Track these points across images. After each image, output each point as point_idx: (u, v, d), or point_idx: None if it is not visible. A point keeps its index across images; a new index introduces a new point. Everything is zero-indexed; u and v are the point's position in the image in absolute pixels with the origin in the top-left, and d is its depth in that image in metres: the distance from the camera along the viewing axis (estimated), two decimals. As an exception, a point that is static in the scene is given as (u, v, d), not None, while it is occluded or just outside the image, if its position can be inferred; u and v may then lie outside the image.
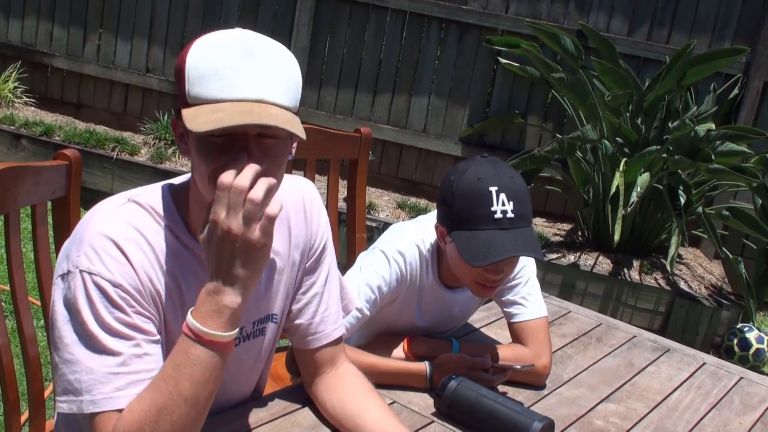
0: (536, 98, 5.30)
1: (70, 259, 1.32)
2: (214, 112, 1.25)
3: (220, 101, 1.26)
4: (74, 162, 1.80)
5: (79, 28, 5.83)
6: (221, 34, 1.32)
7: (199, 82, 1.27)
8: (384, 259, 1.95)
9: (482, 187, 1.80)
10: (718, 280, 4.81)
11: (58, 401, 1.30)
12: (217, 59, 1.28)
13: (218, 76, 1.27)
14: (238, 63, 1.27)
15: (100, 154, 5.13)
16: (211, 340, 1.27)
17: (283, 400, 1.73)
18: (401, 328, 2.07)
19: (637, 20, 5.10)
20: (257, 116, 1.24)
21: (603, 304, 4.48)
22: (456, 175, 1.85)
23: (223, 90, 1.26)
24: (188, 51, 1.31)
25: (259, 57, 1.29)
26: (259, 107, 1.26)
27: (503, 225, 1.79)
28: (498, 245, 1.77)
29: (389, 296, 1.96)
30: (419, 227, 2.03)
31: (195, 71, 1.28)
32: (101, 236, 1.32)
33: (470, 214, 1.80)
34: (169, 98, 5.73)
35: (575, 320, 2.51)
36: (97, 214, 1.36)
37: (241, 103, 1.26)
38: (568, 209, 5.31)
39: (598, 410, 1.96)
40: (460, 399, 1.75)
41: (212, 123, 1.23)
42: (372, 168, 5.35)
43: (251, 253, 1.25)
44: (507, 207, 1.79)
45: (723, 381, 2.25)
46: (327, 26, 5.44)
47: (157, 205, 1.40)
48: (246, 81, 1.27)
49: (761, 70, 4.94)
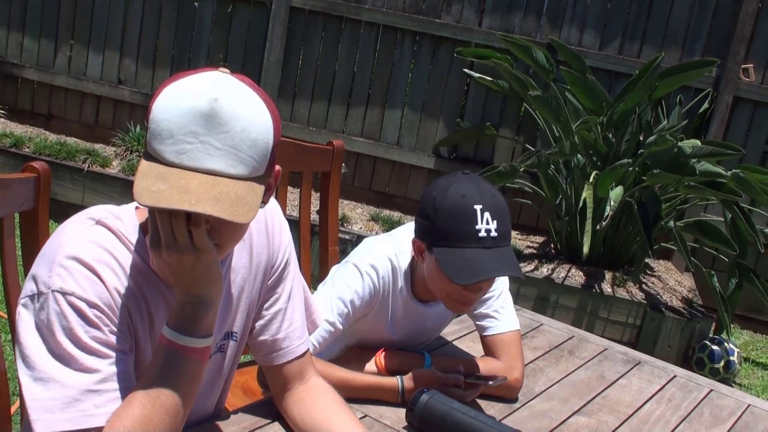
0: (509, 111, 5.33)
1: (39, 280, 1.31)
2: (159, 179, 1.22)
3: (171, 165, 1.24)
4: (43, 174, 1.77)
5: (50, 39, 5.78)
6: (190, 86, 1.27)
7: (157, 140, 1.25)
8: (357, 273, 1.94)
9: (467, 205, 1.79)
10: (690, 292, 4.85)
11: (32, 422, 1.26)
12: (176, 120, 1.24)
13: (174, 139, 1.24)
14: (195, 130, 1.24)
15: (71, 166, 5.08)
16: (189, 347, 1.30)
17: (253, 414, 1.72)
18: (373, 341, 2.06)
19: (609, 34, 5.14)
20: (194, 199, 1.21)
21: (576, 316, 4.50)
22: (438, 191, 1.84)
23: (177, 155, 1.24)
24: (157, 96, 1.28)
25: (221, 125, 1.24)
26: (205, 183, 1.23)
27: (487, 244, 1.79)
28: (483, 264, 1.77)
29: (362, 310, 1.96)
30: (392, 241, 2.03)
31: (155, 126, 1.25)
32: (72, 256, 1.31)
33: (454, 231, 1.80)
34: (141, 110, 5.69)
35: (547, 333, 2.52)
36: (65, 236, 1.35)
37: (188, 175, 1.23)
38: (541, 222, 5.33)
39: (569, 423, 1.96)
40: (432, 412, 1.75)
41: (151, 198, 1.21)
42: (345, 180, 5.34)
43: (198, 266, 1.30)
44: (491, 226, 1.79)
45: (693, 393, 2.26)
46: (300, 39, 5.44)
47: (124, 229, 1.39)
48: (200, 151, 1.24)
49: (731, 84, 5.00)
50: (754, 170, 4.44)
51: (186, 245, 1.28)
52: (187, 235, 1.28)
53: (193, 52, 5.56)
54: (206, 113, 1.24)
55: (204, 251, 1.30)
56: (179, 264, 1.29)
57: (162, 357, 1.31)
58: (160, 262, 1.31)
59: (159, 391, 1.28)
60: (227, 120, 1.25)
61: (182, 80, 1.29)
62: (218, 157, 1.24)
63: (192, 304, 1.31)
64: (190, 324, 1.31)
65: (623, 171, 4.25)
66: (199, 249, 1.29)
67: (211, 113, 1.24)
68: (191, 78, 1.29)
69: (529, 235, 5.31)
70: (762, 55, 5.04)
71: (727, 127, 5.11)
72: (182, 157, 1.24)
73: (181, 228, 1.27)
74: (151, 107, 1.27)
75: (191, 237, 1.28)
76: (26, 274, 1.67)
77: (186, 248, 1.28)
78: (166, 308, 1.40)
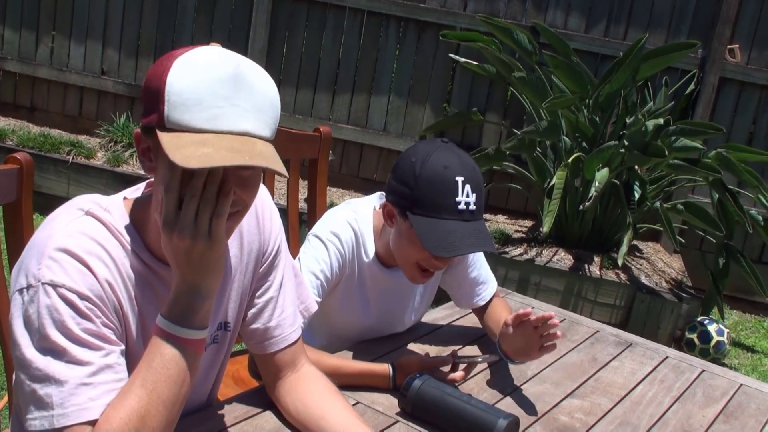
0: (496, 96, 5.32)
1: (29, 272, 1.28)
2: (199, 145, 1.22)
3: (203, 132, 1.24)
4: (25, 166, 1.75)
5: (31, 30, 5.72)
6: (206, 56, 1.28)
7: (182, 109, 1.24)
8: (320, 244, 1.95)
9: (449, 176, 1.79)
10: (678, 273, 4.86)
11: (28, 419, 1.25)
12: (202, 87, 1.24)
13: (203, 106, 1.23)
14: (225, 94, 1.25)
15: (55, 158, 5.04)
16: (184, 338, 1.29)
17: (245, 404, 1.70)
18: (348, 316, 2.06)
19: (594, 17, 5.13)
20: (247, 156, 1.22)
21: (564, 299, 4.50)
22: (418, 158, 1.83)
23: (207, 121, 1.24)
24: (168, 70, 1.25)
25: (247, 88, 1.27)
26: (245, 143, 1.25)
27: (465, 216, 1.80)
28: (461, 238, 1.78)
29: (334, 279, 1.96)
30: (350, 208, 2.05)
31: (177, 97, 1.24)
32: (62, 248, 1.29)
33: (434, 201, 1.80)
34: (124, 100, 5.65)
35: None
36: (54, 227, 1.33)
37: (226, 137, 1.24)
38: (529, 206, 5.33)
39: (562, 406, 1.96)
40: (425, 398, 1.74)
41: (200, 160, 1.20)
42: (333, 168, 5.32)
43: (206, 256, 1.29)
44: (470, 199, 1.80)
45: (685, 374, 2.26)
46: (284, 26, 5.41)
47: (114, 221, 1.37)
48: (233, 114, 1.25)
49: (716, 65, 5.00)
50: (739, 149, 4.45)
51: (203, 232, 1.27)
52: (208, 223, 1.27)
53: (176, 41, 5.51)
54: (234, 76, 1.26)
55: (217, 242, 1.29)
56: (189, 250, 1.28)
57: (158, 348, 1.29)
58: (169, 244, 1.29)
59: (155, 383, 1.27)
60: (252, 83, 1.28)
61: (189, 53, 1.28)
62: (248, 119, 1.26)
63: (189, 294, 1.30)
64: (186, 315, 1.30)
65: (609, 153, 4.25)
66: (213, 239, 1.28)
67: (238, 77, 1.26)
68: (198, 50, 1.29)
69: (518, 219, 5.31)
70: (747, 35, 5.04)
71: (714, 108, 5.11)
72: (215, 121, 1.24)
73: (206, 215, 1.27)
74: (163, 83, 1.24)
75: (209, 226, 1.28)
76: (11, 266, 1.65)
77: (202, 235, 1.27)
78: (157, 300, 1.38)
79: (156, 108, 1.26)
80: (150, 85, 1.28)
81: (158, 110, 1.25)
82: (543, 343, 1.87)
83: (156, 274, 1.40)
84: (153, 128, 1.26)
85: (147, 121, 1.28)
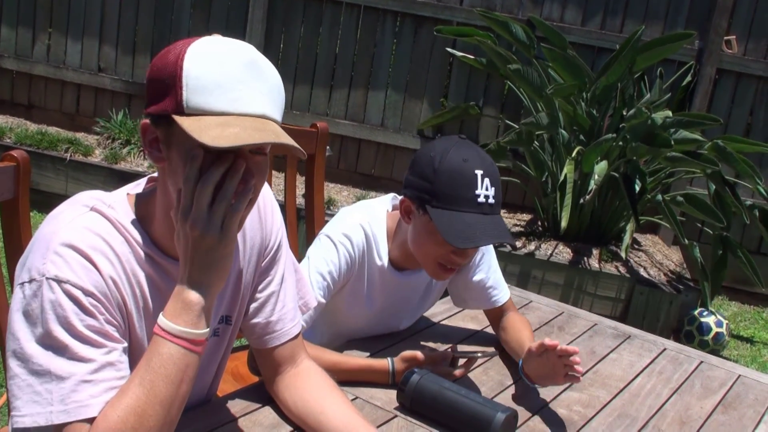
0: (493, 90, 5.31)
1: (33, 267, 1.28)
2: (224, 126, 1.23)
3: (225, 114, 1.25)
4: (22, 163, 1.75)
5: (28, 28, 5.71)
6: (220, 43, 1.31)
7: (202, 93, 1.25)
8: (330, 244, 1.94)
9: (468, 169, 1.80)
10: (677, 266, 4.87)
11: (17, 416, 1.24)
12: (221, 70, 1.26)
13: (223, 88, 1.25)
14: (243, 76, 1.27)
15: (53, 156, 5.04)
16: (184, 337, 1.29)
17: (244, 399, 1.70)
18: (350, 315, 2.06)
19: (591, 10, 5.13)
20: (273, 135, 1.25)
21: (564, 293, 4.51)
22: (437, 153, 1.84)
23: (228, 103, 1.26)
24: (183, 57, 1.26)
25: (262, 71, 1.30)
26: (265, 123, 1.27)
27: (484, 210, 1.80)
28: (482, 230, 1.78)
29: (341, 281, 1.96)
30: (365, 209, 2.04)
31: (196, 81, 1.25)
32: (67, 243, 1.29)
33: (454, 194, 1.80)
34: (122, 97, 5.64)
35: (536, 309, 2.52)
36: (59, 223, 1.33)
37: (248, 119, 1.26)
38: (527, 200, 5.33)
39: (561, 399, 1.96)
40: (423, 392, 1.74)
41: (229, 139, 1.21)
42: (331, 163, 5.32)
43: (215, 251, 1.29)
44: (489, 192, 1.81)
45: (684, 366, 2.26)
46: (281, 21, 5.40)
47: (120, 216, 1.37)
48: (251, 97, 1.27)
49: (713, 57, 5.00)
50: (736, 140, 4.45)
51: (215, 225, 1.28)
52: (221, 217, 1.28)
53: (173, 37, 5.51)
54: (250, 61, 1.29)
55: (228, 237, 1.30)
56: (199, 241, 1.28)
57: (157, 347, 1.29)
58: (181, 232, 1.30)
59: (153, 382, 1.26)
60: (265, 68, 1.31)
61: (200, 41, 1.30)
62: (265, 102, 1.29)
63: (191, 292, 1.30)
64: (186, 314, 1.29)
65: (608, 146, 4.25)
66: (224, 233, 1.29)
67: (253, 61, 1.29)
68: (208, 39, 1.31)
69: (516, 212, 5.31)
70: (744, 26, 5.04)
71: (711, 99, 5.11)
72: (236, 104, 1.26)
73: (221, 208, 1.28)
74: (180, 69, 1.25)
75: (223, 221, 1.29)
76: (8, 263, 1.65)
77: (213, 228, 1.28)
78: (163, 297, 1.37)
79: (170, 95, 1.26)
80: (160, 74, 1.28)
81: (175, 96, 1.26)
82: (568, 372, 1.80)
83: (163, 270, 1.40)
84: (165, 116, 1.27)
85: (157, 109, 1.28)
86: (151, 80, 1.30)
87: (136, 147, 5.17)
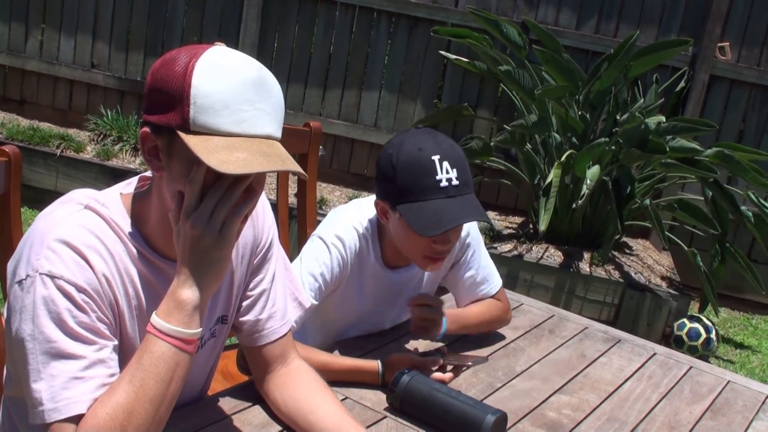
0: (486, 92, 5.31)
1: (28, 263, 1.28)
2: (231, 149, 1.23)
3: (232, 135, 1.25)
4: (13, 158, 1.74)
5: (21, 23, 5.69)
6: (229, 59, 1.29)
7: (210, 112, 1.24)
8: (323, 246, 1.94)
9: (424, 157, 1.80)
10: (668, 270, 4.88)
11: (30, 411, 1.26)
12: (229, 90, 1.25)
13: (231, 109, 1.25)
14: (250, 97, 1.27)
15: (44, 152, 5.02)
16: (175, 336, 1.29)
17: (233, 398, 1.70)
18: (344, 314, 2.06)
19: (585, 14, 5.14)
20: (279, 161, 1.26)
21: (554, 296, 4.51)
22: (394, 149, 1.84)
23: (236, 125, 1.26)
24: (191, 72, 1.25)
25: (268, 92, 1.30)
26: (271, 146, 1.28)
27: (450, 193, 1.80)
28: (448, 213, 1.78)
29: (333, 283, 1.96)
30: (357, 210, 2.04)
31: (204, 100, 1.24)
32: (61, 239, 1.29)
33: (415, 185, 1.80)
34: (114, 94, 5.63)
35: (527, 312, 2.52)
36: (53, 219, 1.33)
37: (255, 141, 1.26)
38: (519, 203, 5.33)
39: (550, 402, 1.96)
40: (413, 393, 1.74)
41: (237, 165, 1.22)
42: (323, 163, 5.32)
43: (211, 252, 1.30)
44: (451, 174, 1.80)
45: (673, 371, 2.26)
46: (276, 21, 5.39)
47: (114, 215, 1.37)
48: (258, 118, 1.27)
49: (707, 63, 5.01)
50: (734, 148, 4.45)
51: (215, 227, 1.28)
52: (222, 220, 1.28)
53: (167, 35, 5.50)
54: (257, 81, 1.29)
55: (226, 240, 1.30)
56: (198, 241, 1.28)
57: (149, 346, 1.29)
58: (181, 231, 1.30)
59: (143, 380, 1.26)
60: (271, 86, 1.31)
61: (208, 55, 1.28)
62: (270, 122, 1.29)
63: (184, 291, 1.29)
64: (179, 314, 1.29)
65: (600, 150, 4.25)
66: (223, 236, 1.29)
67: (260, 80, 1.29)
68: (215, 52, 1.29)
69: (508, 215, 5.32)
70: (738, 33, 5.05)
71: (704, 105, 5.13)
72: (243, 125, 1.26)
73: (223, 211, 1.28)
74: (188, 85, 1.24)
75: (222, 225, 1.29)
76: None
77: (213, 230, 1.28)
78: (157, 296, 1.37)
79: (176, 109, 1.25)
80: (166, 86, 1.27)
81: (181, 112, 1.25)
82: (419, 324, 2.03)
83: (157, 270, 1.40)
84: (169, 129, 1.26)
85: (161, 120, 1.28)
86: (154, 89, 1.29)
87: (128, 144, 5.16)
